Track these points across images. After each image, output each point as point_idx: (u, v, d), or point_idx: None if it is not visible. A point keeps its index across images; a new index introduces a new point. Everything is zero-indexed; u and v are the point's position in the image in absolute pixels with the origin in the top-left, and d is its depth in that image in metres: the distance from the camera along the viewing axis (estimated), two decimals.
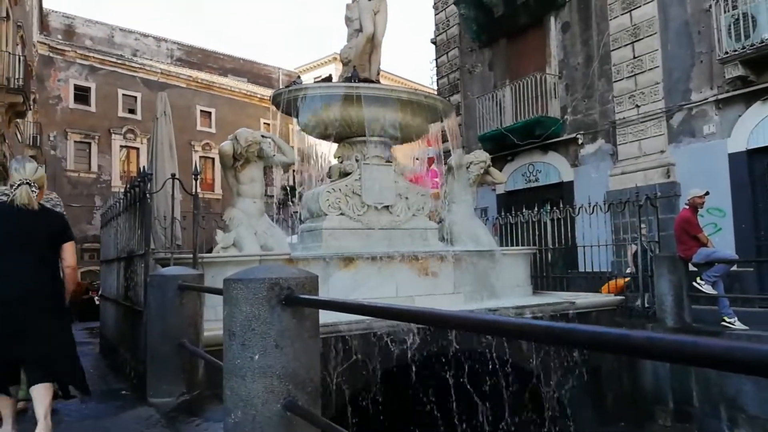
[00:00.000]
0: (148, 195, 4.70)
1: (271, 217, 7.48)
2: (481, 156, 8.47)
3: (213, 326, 4.17)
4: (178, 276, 3.99)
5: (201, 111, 28.78)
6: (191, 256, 5.52)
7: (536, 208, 9.89)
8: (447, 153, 10.14)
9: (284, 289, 2.08)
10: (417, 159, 12.12)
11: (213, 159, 27.63)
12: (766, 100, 9.43)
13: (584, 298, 7.70)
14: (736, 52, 9.33)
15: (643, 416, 7.25)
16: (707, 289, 7.07)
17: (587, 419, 7.06)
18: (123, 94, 26.34)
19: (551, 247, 9.75)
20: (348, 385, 5.33)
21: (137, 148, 26.63)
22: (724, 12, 9.53)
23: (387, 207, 7.34)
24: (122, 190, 5.98)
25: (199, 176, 5.25)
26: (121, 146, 26.31)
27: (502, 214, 10.74)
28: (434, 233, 7.72)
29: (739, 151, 9.76)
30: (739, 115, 9.78)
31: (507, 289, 7.59)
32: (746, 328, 6.65)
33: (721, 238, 9.29)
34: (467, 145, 13.96)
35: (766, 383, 6.08)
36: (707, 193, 7.35)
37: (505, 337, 6.24)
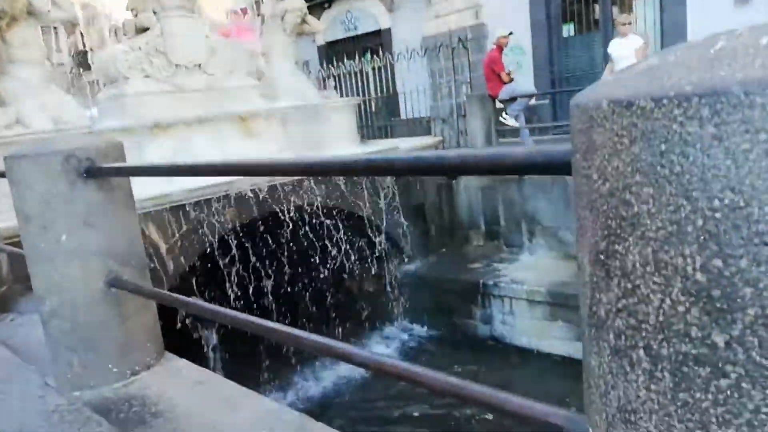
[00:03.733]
0: None
1: (66, 90, 6.47)
2: (296, 3, 7.95)
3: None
4: None
5: None
6: None
7: (357, 58, 9.79)
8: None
9: (83, 160, 1.84)
10: (233, 12, 11.02)
11: None
12: None
13: (407, 143, 8.11)
14: None
15: (461, 241, 8.23)
16: (511, 122, 7.85)
17: (416, 249, 7.82)
18: None
19: (374, 96, 9.89)
20: (184, 256, 5.20)
21: None
22: None
23: (199, 66, 6.69)
24: None
25: None
26: None
27: (324, 66, 10.49)
28: (256, 91, 7.32)
29: None
30: None
31: (335, 142, 7.66)
32: None
33: (522, 76, 10.16)
34: None
35: (558, 200, 7.17)
36: (511, 33, 7.84)
37: (332, 176, 6.44)
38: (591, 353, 0.59)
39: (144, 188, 4.57)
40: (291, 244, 6.35)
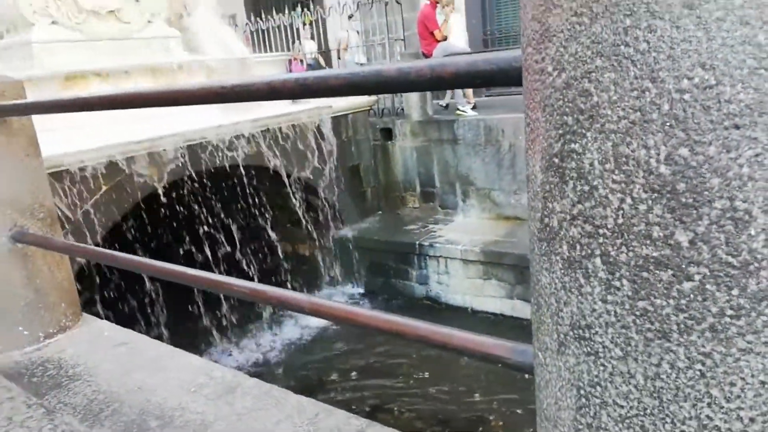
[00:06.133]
0: None
1: None
2: None
3: None
4: None
5: None
6: None
7: (287, 11, 9.41)
8: None
9: None
10: None
11: None
12: None
13: (341, 102, 7.92)
14: None
15: (397, 203, 8.23)
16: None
17: (352, 211, 7.76)
18: None
19: (305, 52, 9.58)
20: (107, 215, 4.89)
21: None
22: None
23: (113, 12, 6.16)
24: None
25: None
26: None
27: (252, 19, 10.02)
28: (177, 42, 6.87)
29: None
30: None
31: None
32: (476, 114, 7.65)
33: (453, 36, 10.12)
34: None
35: (491, 161, 7.27)
36: None
37: (259, 100, 6.22)
38: (541, 270, 0.55)
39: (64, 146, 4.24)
40: (219, 205, 6.13)
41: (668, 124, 0.41)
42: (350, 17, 8.51)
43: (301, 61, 9.58)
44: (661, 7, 0.40)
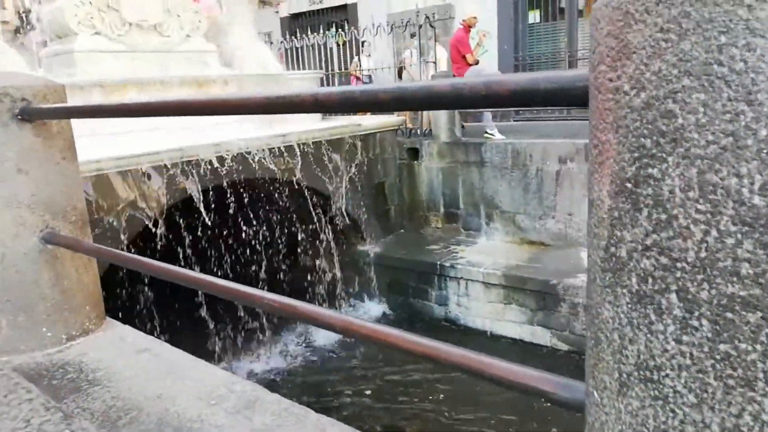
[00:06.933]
0: None
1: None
2: None
3: None
4: None
5: None
6: None
7: (321, 32, 9.54)
8: None
9: (18, 100, 1.66)
10: None
11: None
12: None
13: (370, 120, 7.97)
14: None
15: (420, 222, 8.19)
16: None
17: (375, 228, 7.74)
18: None
19: (338, 71, 9.68)
20: (136, 220, 4.96)
21: None
22: None
23: (154, 26, 6.33)
24: None
25: None
26: None
27: (287, 37, 10.18)
28: (215, 57, 7.01)
29: None
30: None
31: (296, 115, 7.48)
32: (503, 137, 7.61)
33: (487, 59, 10.14)
34: None
35: (517, 185, 7.21)
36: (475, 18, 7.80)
37: (304, 112, 6.28)
38: (603, 303, 0.51)
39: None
40: (241, 219, 6.17)
41: (765, 151, 0.38)
42: (413, 36, 8.60)
43: (357, 78, 9.70)
44: (763, 24, 0.37)
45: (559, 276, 6.07)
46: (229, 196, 5.68)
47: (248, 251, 6.40)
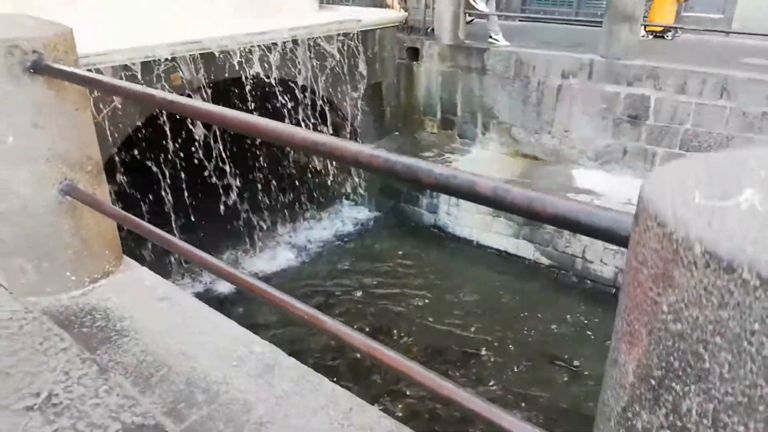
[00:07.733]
0: None
1: None
2: None
3: None
4: None
5: None
6: None
7: None
8: None
9: (29, 53, 1.62)
10: None
11: None
12: None
13: (370, 15, 7.61)
14: None
15: (415, 126, 8.14)
16: (481, 6, 7.48)
17: (369, 129, 7.70)
18: None
19: None
20: (120, 127, 4.91)
21: None
22: None
23: None
24: None
25: None
26: None
27: None
28: None
29: None
30: None
31: (290, 2, 7.16)
32: (508, 44, 7.37)
33: None
34: None
35: (517, 97, 7.11)
36: None
37: (344, 164, 6.08)
38: None
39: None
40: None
41: None
42: None
43: None
44: None
45: (548, 192, 6.22)
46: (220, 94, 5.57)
47: (242, 152, 6.40)
